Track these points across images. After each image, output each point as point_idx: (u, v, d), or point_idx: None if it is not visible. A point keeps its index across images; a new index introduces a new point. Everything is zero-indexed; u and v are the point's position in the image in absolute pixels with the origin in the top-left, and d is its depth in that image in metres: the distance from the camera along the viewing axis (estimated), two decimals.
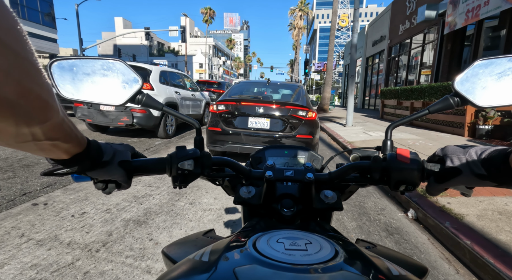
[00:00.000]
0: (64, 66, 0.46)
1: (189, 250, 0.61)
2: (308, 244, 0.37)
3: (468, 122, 5.80)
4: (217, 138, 3.73)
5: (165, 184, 3.07)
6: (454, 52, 9.45)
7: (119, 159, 0.47)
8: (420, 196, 2.70)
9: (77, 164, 0.41)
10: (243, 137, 3.62)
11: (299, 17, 48.96)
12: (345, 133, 6.88)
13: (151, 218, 2.23)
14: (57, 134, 0.31)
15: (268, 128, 3.64)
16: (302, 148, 0.75)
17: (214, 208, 2.53)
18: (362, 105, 20.00)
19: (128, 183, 0.50)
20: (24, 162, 3.51)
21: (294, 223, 0.52)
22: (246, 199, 0.54)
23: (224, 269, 0.33)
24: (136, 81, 0.50)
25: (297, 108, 3.64)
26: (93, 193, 2.67)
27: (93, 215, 2.22)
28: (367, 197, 3.02)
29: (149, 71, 5.47)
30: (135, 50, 56.43)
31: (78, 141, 0.38)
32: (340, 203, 0.53)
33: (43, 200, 2.46)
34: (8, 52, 0.20)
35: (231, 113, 3.70)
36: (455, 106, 0.51)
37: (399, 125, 0.56)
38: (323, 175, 0.56)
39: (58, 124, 0.30)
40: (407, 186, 0.49)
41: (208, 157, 0.53)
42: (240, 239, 0.41)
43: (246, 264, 0.33)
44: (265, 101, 3.74)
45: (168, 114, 0.57)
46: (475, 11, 7.57)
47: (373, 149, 0.60)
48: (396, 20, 13.85)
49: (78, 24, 22.72)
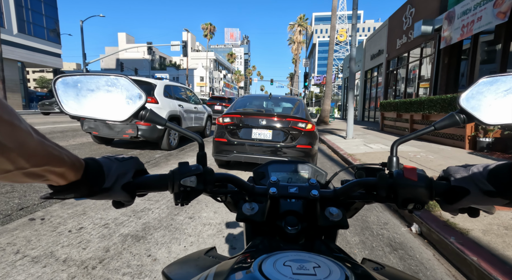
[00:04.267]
0: (68, 82, 0.46)
1: (191, 270, 0.59)
2: (316, 268, 0.36)
3: (468, 135, 5.80)
4: (223, 148, 3.94)
5: (164, 197, 3.03)
6: (452, 66, 9.60)
7: (122, 182, 0.45)
8: (424, 210, 2.66)
9: (75, 192, 0.38)
10: (247, 147, 3.84)
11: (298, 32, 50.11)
12: (345, 145, 6.87)
13: (150, 233, 2.18)
14: (42, 159, 0.29)
15: (270, 139, 3.85)
16: (305, 163, 0.74)
17: (214, 222, 2.48)
18: (362, 118, 20.10)
19: (131, 202, 0.49)
20: None
21: (298, 241, 0.51)
22: (249, 216, 0.52)
23: None
24: (140, 97, 0.50)
25: (297, 120, 3.85)
26: (91, 208, 2.63)
27: (91, 230, 2.18)
28: (369, 211, 2.97)
29: (153, 85, 5.65)
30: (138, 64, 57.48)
31: (73, 165, 0.36)
32: (346, 221, 0.52)
33: (41, 215, 2.42)
34: None
35: (236, 125, 3.94)
36: (461, 123, 0.51)
37: (404, 141, 0.55)
38: (328, 192, 0.54)
39: (36, 147, 0.28)
40: (416, 204, 0.48)
41: (211, 173, 0.52)
42: (245, 260, 0.40)
43: None
44: (267, 114, 3.95)
45: (172, 129, 0.57)
46: (469, 26, 7.75)
47: (378, 165, 0.59)
48: (393, 34, 14.16)
49: (82, 40, 23.27)
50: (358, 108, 20.60)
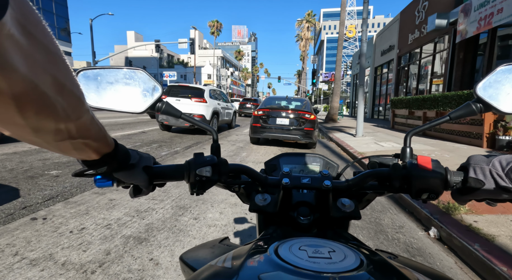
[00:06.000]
0: (89, 75, 0.47)
1: (208, 256, 0.62)
2: (331, 252, 0.36)
3: (486, 133, 5.53)
4: (257, 130, 6.27)
5: (169, 197, 2.95)
6: (467, 61, 9.23)
7: (143, 164, 0.49)
8: (442, 213, 2.49)
9: (106, 164, 0.42)
10: (273, 130, 6.12)
11: (306, 29, 49.52)
12: (355, 144, 6.67)
13: (153, 235, 2.10)
14: (89, 132, 0.33)
15: (288, 124, 6.07)
16: (317, 155, 0.74)
17: (220, 224, 2.38)
18: (371, 115, 19.71)
19: (149, 189, 0.51)
20: (29, 173, 3.47)
21: (311, 231, 0.52)
22: (262, 206, 0.53)
23: (248, 276, 0.32)
24: (156, 89, 0.52)
25: (304, 112, 6.13)
26: (95, 207, 2.57)
27: (92, 231, 2.11)
28: (383, 213, 2.82)
29: (203, 90, 8.02)
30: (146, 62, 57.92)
31: (106, 141, 0.40)
32: (358, 212, 0.52)
33: (43, 214, 2.37)
34: (41, 47, 0.20)
35: (266, 116, 6.20)
36: (478, 112, 0.50)
37: (418, 132, 0.55)
38: (340, 183, 0.54)
39: (89, 122, 0.32)
40: (430, 194, 0.48)
41: (225, 164, 0.52)
42: (261, 246, 0.41)
43: (270, 271, 0.32)
44: (286, 109, 6.26)
45: (187, 121, 0.59)
46: (487, 19, 7.40)
47: (391, 156, 0.58)
48: (405, 29, 13.75)
49: (91, 38, 23.52)
50: (367, 105, 20.19)
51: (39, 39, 0.20)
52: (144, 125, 9.62)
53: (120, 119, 11.24)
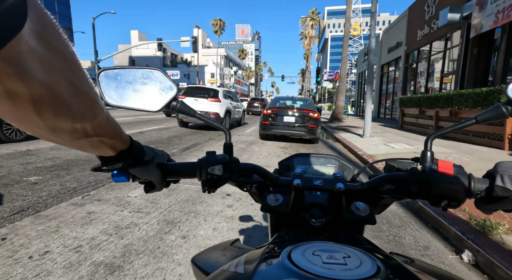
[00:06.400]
0: (110, 75, 0.50)
1: (219, 259, 0.62)
2: (346, 258, 0.35)
3: (508, 134, 5.08)
4: (266, 127, 6.87)
5: (157, 209, 2.60)
6: (481, 57, 8.74)
7: (157, 160, 0.50)
8: (477, 232, 2.10)
9: (122, 160, 0.43)
10: (281, 127, 6.73)
11: (310, 26, 48.93)
12: (363, 145, 6.26)
13: (129, 261, 1.74)
14: (104, 130, 0.34)
15: (294, 121, 6.68)
16: (332, 157, 0.72)
17: (212, 243, 2.02)
18: (377, 114, 19.22)
19: (162, 185, 0.52)
20: (4, 180, 3.14)
21: (323, 234, 0.50)
22: (273, 207, 0.53)
23: None
24: (171, 88, 0.54)
25: (308, 111, 6.73)
26: (68, 222, 2.22)
27: (57, 256, 1.75)
28: (402, 228, 2.43)
29: (218, 91, 8.97)
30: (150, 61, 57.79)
31: (122, 139, 0.41)
32: (373, 216, 0.50)
33: (4, 232, 2.02)
34: (59, 54, 0.21)
35: (274, 114, 6.83)
36: (509, 116, 0.48)
37: (441, 135, 0.52)
38: (354, 186, 0.53)
39: (104, 121, 0.33)
40: (451, 201, 0.45)
41: (237, 163, 0.53)
42: (273, 250, 0.40)
43: (284, 278, 0.31)
44: (291, 108, 6.93)
45: (200, 119, 0.58)
46: (506, 11, 6.92)
47: (410, 160, 0.56)
48: (413, 25, 13.24)
49: (94, 37, 23.36)
50: (373, 104, 19.69)
51: (57, 47, 0.21)
52: (143, 125, 9.38)
53: (120, 119, 10.97)
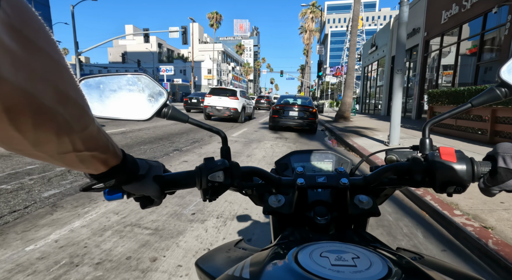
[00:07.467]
0: (91, 84, 0.47)
1: (224, 262, 0.61)
2: (355, 259, 0.34)
3: None
4: (275, 120, 9.15)
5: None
6: None
7: (153, 173, 0.47)
8: None
9: (115, 177, 0.40)
10: (286, 119, 9.03)
11: (310, 19, 46.67)
12: None
13: None
14: (95, 144, 0.32)
15: (297, 115, 8.96)
16: (328, 152, 0.73)
17: None
18: (387, 112, 17.22)
19: (161, 199, 0.49)
20: None
21: (328, 231, 0.51)
22: (276, 208, 0.51)
23: None
24: (161, 94, 0.51)
25: (308, 107, 9.09)
26: None
27: None
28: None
29: (236, 90, 11.38)
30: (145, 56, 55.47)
31: (114, 152, 0.38)
32: (377, 208, 0.50)
33: None
34: (42, 55, 0.19)
35: (281, 109, 9.11)
36: (503, 97, 0.48)
37: (438, 121, 0.52)
38: (358, 180, 0.52)
39: (95, 133, 0.30)
40: (456, 187, 0.45)
41: (237, 167, 0.51)
42: (279, 252, 0.39)
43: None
44: (295, 104, 9.23)
45: (194, 125, 0.56)
46: None
47: (409, 149, 0.56)
48: (435, 6, 11.19)
49: (73, 27, 21.13)
50: (383, 100, 17.68)
51: (40, 46, 0.19)
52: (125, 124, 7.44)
53: None
